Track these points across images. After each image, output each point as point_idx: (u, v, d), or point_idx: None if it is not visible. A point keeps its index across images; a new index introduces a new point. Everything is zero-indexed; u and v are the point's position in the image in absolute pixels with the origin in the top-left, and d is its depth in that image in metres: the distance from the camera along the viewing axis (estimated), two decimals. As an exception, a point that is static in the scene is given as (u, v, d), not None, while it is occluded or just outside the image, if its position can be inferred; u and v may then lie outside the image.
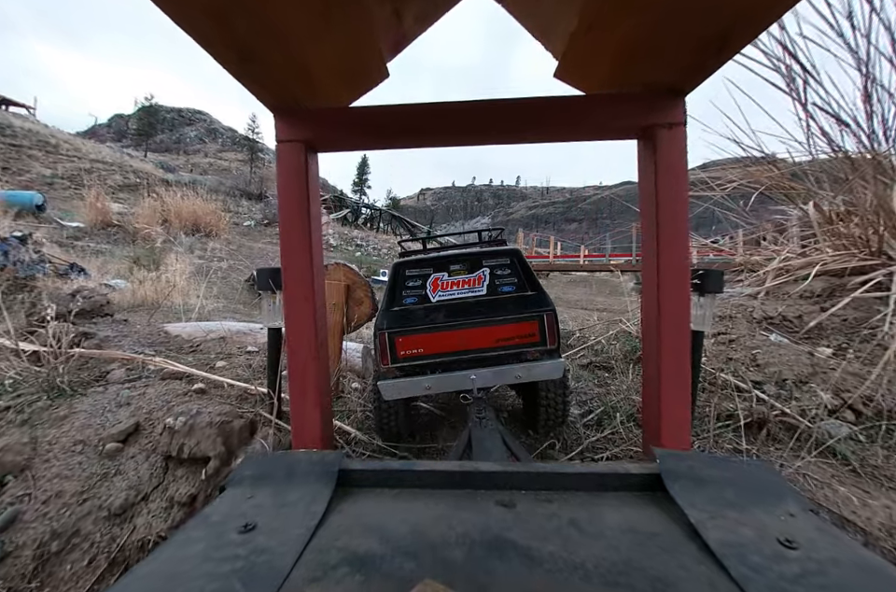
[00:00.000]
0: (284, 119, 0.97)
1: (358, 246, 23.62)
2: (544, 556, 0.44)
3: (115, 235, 13.39)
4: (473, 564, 0.43)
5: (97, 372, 1.95)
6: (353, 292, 2.33)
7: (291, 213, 0.98)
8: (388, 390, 1.77)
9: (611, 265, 13.63)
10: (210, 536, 0.49)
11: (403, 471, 0.62)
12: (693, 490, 0.55)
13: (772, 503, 0.53)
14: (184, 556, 0.45)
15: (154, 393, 1.73)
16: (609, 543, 0.46)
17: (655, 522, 0.51)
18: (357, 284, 2.33)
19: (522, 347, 1.80)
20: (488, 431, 1.32)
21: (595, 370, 2.63)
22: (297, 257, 0.96)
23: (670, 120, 0.89)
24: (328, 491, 0.57)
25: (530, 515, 0.52)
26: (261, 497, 0.57)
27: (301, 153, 0.95)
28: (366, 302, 2.33)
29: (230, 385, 1.88)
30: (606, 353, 2.78)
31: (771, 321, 2.58)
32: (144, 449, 1.40)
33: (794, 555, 0.43)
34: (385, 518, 0.52)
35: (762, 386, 1.94)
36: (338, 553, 0.45)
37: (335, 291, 2.24)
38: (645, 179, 0.95)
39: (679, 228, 0.88)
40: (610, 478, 0.60)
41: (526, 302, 1.82)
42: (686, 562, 0.43)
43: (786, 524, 0.49)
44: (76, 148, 26.70)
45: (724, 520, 0.49)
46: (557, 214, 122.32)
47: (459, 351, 1.80)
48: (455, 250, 2.22)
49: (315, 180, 1.04)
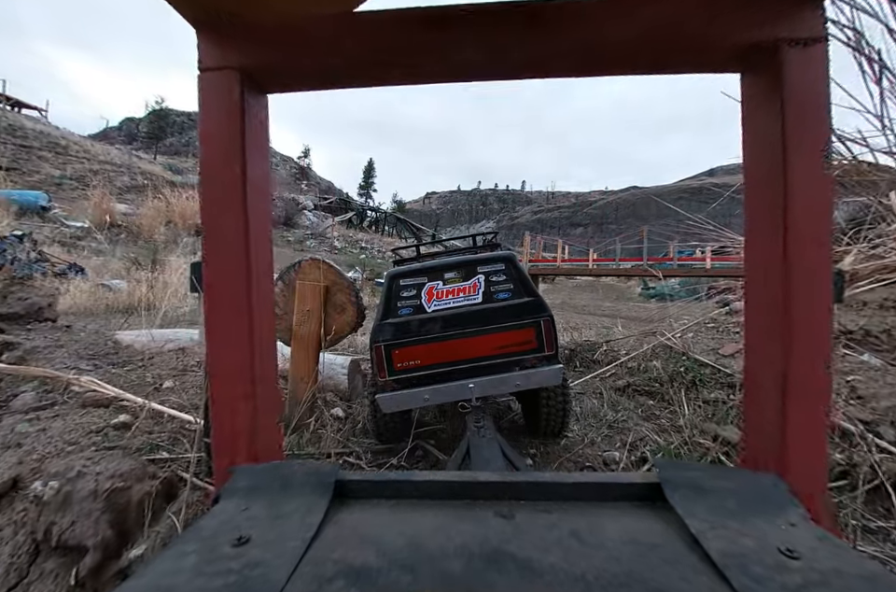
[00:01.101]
0: (209, 36, 0.71)
1: (363, 249, 23.38)
2: (544, 568, 0.43)
3: (118, 236, 13.23)
4: (472, 576, 0.42)
5: (4, 394, 1.53)
6: (333, 296, 1.91)
7: (217, 176, 0.71)
8: (386, 403, 1.77)
9: (650, 270, 13.04)
10: (203, 549, 0.47)
11: (401, 481, 0.60)
12: (693, 500, 0.53)
13: (773, 513, 0.52)
14: (176, 571, 0.44)
15: (60, 428, 1.28)
16: (609, 554, 0.45)
17: (656, 532, 0.50)
18: (338, 286, 1.91)
19: (519, 355, 1.79)
20: (486, 441, 1.31)
21: (634, 395, 2.21)
22: (226, 244, 0.70)
23: (806, 34, 0.63)
24: (324, 502, 0.55)
25: (530, 526, 0.51)
26: (256, 508, 0.55)
27: (233, 85, 0.70)
28: (349, 308, 1.90)
29: (170, 416, 1.45)
30: (644, 372, 2.37)
31: (851, 337, 2.10)
32: (12, 521, 0.96)
33: (796, 565, 0.42)
34: (382, 530, 0.52)
35: (875, 427, 1.43)
36: (334, 565, 0.44)
37: (310, 295, 1.84)
38: (757, 130, 0.70)
39: (819, 199, 0.63)
40: (610, 488, 0.58)
41: (523, 308, 1.81)
42: (687, 573, 0.42)
43: (787, 534, 0.48)
44: (85, 149, 27.00)
45: (725, 530, 0.48)
46: (563, 218, 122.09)
47: (457, 361, 1.79)
48: (450, 258, 2.20)
49: (261, 130, 0.77)
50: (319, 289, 1.86)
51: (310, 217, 26.49)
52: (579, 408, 2.28)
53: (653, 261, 12.84)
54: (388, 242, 28.37)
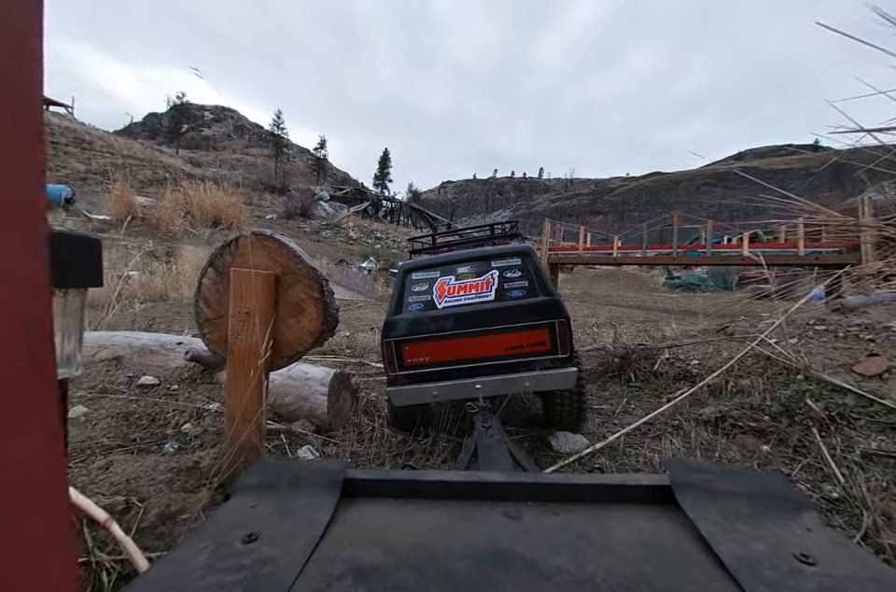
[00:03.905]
0: None
1: (378, 239, 23.23)
2: (552, 570, 0.43)
3: (138, 227, 13.46)
4: (479, 577, 0.42)
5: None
6: (286, 291, 1.28)
7: None
8: (397, 397, 1.83)
9: (681, 258, 12.31)
10: (213, 546, 0.48)
11: (409, 480, 0.61)
12: (704, 503, 0.53)
13: (787, 517, 0.51)
14: (187, 567, 0.44)
15: None
16: (618, 557, 0.45)
17: (666, 535, 0.50)
18: (295, 274, 1.27)
19: (531, 356, 1.78)
20: (494, 441, 1.31)
21: (734, 433, 1.57)
22: None
23: None
24: (332, 500, 0.56)
25: (537, 527, 0.51)
26: (265, 506, 0.56)
27: None
28: (310, 309, 1.26)
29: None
30: (736, 394, 1.73)
31: None
32: None
33: (811, 570, 0.41)
34: (390, 529, 0.52)
35: None
36: (342, 564, 0.45)
37: (251, 288, 1.21)
38: None
39: None
40: (620, 490, 0.58)
41: (537, 308, 1.77)
42: (698, 577, 0.42)
43: (802, 538, 0.47)
44: (109, 144, 27.68)
45: (737, 534, 0.47)
46: (582, 206, 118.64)
47: (466, 359, 1.80)
48: (464, 251, 2.14)
49: None
50: (265, 281, 1.24)
51: (325, 207, 26.46)
52: (655, 455, 1.76)
53: (684, 249, 12.09)
54: (403, 232, 28.13)
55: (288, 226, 21.16)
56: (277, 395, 1.97)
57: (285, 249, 1.29)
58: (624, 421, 2.26)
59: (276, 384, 1.98)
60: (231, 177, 27.19)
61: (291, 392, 1.99)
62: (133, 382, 1.76)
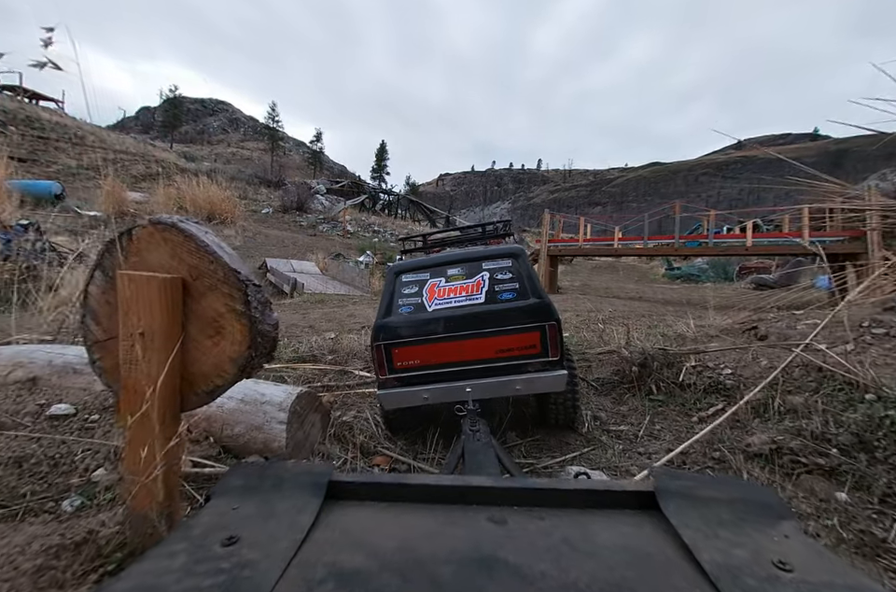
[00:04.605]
0: None
1: (376, 232, 22.99)
2: (535, 575, 0.43)
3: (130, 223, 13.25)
4: (463, 582, 0.42)
5: None
6: (199, 301, 0.91)
7: None
8: (387, 400, 1.84)
9: (683, 249, 12.16)
10: (192, 548, 0.47)
11: (394, 484, 0.60)
12: (687, 509, 0.53)
13: (767, 524, 0.51)
14: (164, 570, 0.44)
15: None
16: (601, 562, 0.45)
17: (649, 541, 0.50)
18: (209, 278, 0.90)
19: (521, 359, 1.78)
20: (481, 445, 1.29)
21: (798, 473, 1.18)
22: None
23: None
24: (316, 503, 0.55)
25: (522, 532, 0.51)
26: (247, 508, 0.55)
27: None
28: (231, 326, 0.88)
29: None
30: (785, 416, 1.37)
31: None
32: None
33: (789, 577, 0.42)
34: (374, 533, 0.51)
35: None
36: (324, 568, 0.44)
37: (146, 299, 0.88)
38: None
39: None
40: (604, 495, 0.58)
41: (527, 311, 1.76)
42: (679, 583, 0.42)
43: (780, 545, 0.47)
44: (101, 139, 27.21)
45: (718, 540, 0.48)
46: (580, 197, 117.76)
47: (457, 362, 1.79)
48: (455, 251, 2.14)
49: None
50: (167, 288, 0.89)
51: (322, 201, 26.15)
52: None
53: (685, 239, 11.94)
54: (401, 225, 27.85)
55: (285, 220, 20.92)
56: (225, 424, 1.70)
57: (193, 243, 0.90)
58: (651, 449, 1.97)
59: (225, 409, 1.72)
60: (225, 171, 26.78)
61: (242, 420, 1.68)
62: (43, 412, 1.46)
